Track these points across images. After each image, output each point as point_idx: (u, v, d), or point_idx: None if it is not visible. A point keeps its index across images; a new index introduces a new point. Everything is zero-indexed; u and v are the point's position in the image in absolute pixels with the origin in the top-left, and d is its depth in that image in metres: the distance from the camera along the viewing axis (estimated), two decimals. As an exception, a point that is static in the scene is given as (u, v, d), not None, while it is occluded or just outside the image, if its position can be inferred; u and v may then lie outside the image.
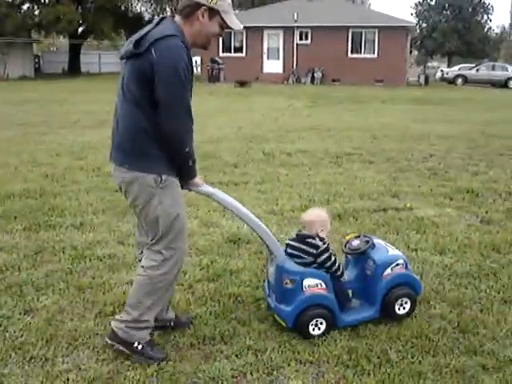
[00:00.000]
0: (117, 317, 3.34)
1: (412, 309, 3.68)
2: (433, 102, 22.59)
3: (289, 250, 3.59)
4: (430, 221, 5.81)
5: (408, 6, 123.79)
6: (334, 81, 33.26)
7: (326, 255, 3.51)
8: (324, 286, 3.49)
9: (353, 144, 10.79)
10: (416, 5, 53.57)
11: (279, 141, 11.05)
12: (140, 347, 3.21)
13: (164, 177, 3.08)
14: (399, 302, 3.63)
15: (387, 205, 6.39)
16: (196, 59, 34.65)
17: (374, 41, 33.69)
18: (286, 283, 3.45)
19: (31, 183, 7.21)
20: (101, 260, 4.68)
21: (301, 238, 3.58)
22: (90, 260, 4.68)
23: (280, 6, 38.11)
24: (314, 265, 3.52)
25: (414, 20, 48.79)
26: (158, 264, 3.17)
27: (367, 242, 3.75)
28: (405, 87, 32.23)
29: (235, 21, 3.14)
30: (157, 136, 3.02)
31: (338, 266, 3.58)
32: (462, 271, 4.52)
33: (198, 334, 3.48)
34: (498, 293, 4.15)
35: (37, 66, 42.55)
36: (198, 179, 3.26)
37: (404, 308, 3.65)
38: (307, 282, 3.45)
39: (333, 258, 3.54)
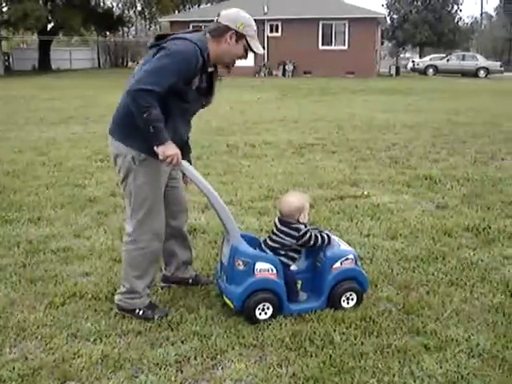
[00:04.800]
0: (117, 291, 3.67)
1: (358, 303, 3.72)
2: (402, 92, 22.83)
3: (274, 230, 3.69)
4: (386, 207, 5.90)
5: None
6: (305, 73, 33.40)
7: (306, 237, 3.61)
8: (275, 271, 3.54)
9: (318, 135, 10.87)
10: (387, -5, 53.89)
11: (245, 133, 11.10)
12: (141, 312, 3.56)
13: (143, 155, 3.35)
14: (346, 295, 3.68)
15: (345, 193, 6.47)
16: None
17: (344, 32, 33.89)
18: (239, 264, 3.50)
19: (-9, 180, 7.15)
20: (55, 253, 4.68)
21: (283, 222, 3.67)
22: (44, 253, 4.67)
23: (250, -2, 38.04)
24: (294, 246, 3.64)
25: (384, 11, 49.13)
26: (133, 239, 3.53)
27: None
28: (375, 78, 32.50)
29: (258, 45, 3.48)
30: None
31: (322, 240, 3.66)
32: (412, 255, 4.61)
33: (146, 322, 3.51)
34: (446, 275, 4.25)
35: (7, 63, 41.96)
36: (168, 146, 3.26)
37: (351, 301, 3.69)
38: (259, 265, 3.50)
39: (313, 237, 3.62)
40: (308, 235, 3.63)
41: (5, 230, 5.28)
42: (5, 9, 38.26)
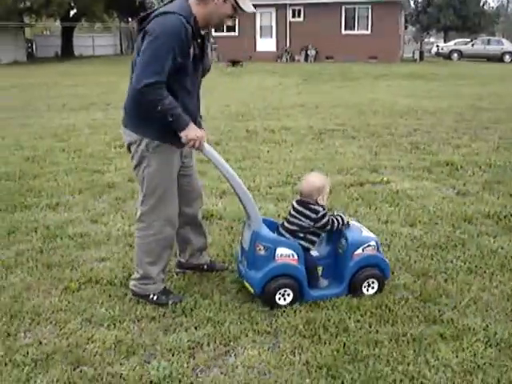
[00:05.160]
0: (132, 276, 3.67)
1: (379, 290, 3.68)
2: (425, 77, 22.48)
3: (292, 212, 3.67)
4: (405, 194, 5.82)
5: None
6: (327, 58, 33.03)
7: (325, 220, 3.59)
8: (296, 257, 3.52)
9: (338, 120, 10.76)
10: (411, -21, 53.04)
11: (264, 118, 11.03)
12: (155, 297, 3.55)
13: (156, 142, 3.35)
14: (367, 282, 3.64)
15: (364, 179, 6.39)
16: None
17: (367, 17, 33.37)
18: (260, 249, 3.48)
19: (12, 166, 7.21)
20: (72, 239, 4.70)
21: (302, 202, 3.65)
22: (62, 239, 4.70)
23: (272, -17, 37.75)
24: (312, 229, 3.60)
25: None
26: (146, 225, 3.52)
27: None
28: (399, 63, 32.01)
29: (248, 3, 3.35)
30: None
31: (338, 223, 3.63)
32: (431, 242, 4.54)
33: (160, 307, 3.51)
34: (464, 263, 4.17)
35: (30, 50, 42.26)
36: (190, 129, 3.27)
37: (372, 288, 3.66)
38: (280, 250, 3.48)
39: (330, 221, 3.59)
40: (326, 218, 3.60)
41: (23, 215, 5.31)
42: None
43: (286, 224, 3.69)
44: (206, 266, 4.01)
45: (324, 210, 3.64)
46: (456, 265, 4.14)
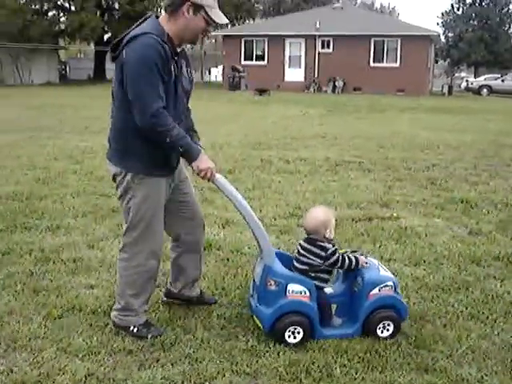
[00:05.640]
0: (114, 307, 3.53)
1: (394, 333, 3.50)
2: (452, 111, 22.24)
3: (300, 251, 3.55)
4: (414, 231, 5.62)
5: (435, 15, 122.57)
6: (355, 89, 33.00)
7: (334, 257, 3.46)
8: (308, 294, 3.39)
9: (356, 152, 10.60)
10: (442, 14, 52.95)
11: (282, 148, 10.93)
12: (136, 330, 3.41)
13: (141, 176, 3.25)
14: (382, 324, 3.47)
15: (374, 214, 6.21)
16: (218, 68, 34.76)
17: (396, 49, 33.36)
18: (270, 284, 3.38)
19: (21, 186, 7.21)
20: (64, 263, 4.60)
21: (310, 240, 3.53)
22: (54, 263, 4.61)
23: (302, 14, 38.17)
24: (322, 267, 3.48)
25: (440, 30, 48.34)
26: (129, 256, 3.40)
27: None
28: (427, 97, 31.83)
29: (220, 15, 3.23)
30: (137, 136, 3.18)
31: (350, 262, 3.49)
32: (433, 284, 4.33)
33: (139, 340, 3.37)
34: (467, 307, 3.96)
35: (63, 72, 43.15)
36: (201, 160, 3.22)
37: (387, 330, 3.48)
38: (292, 287, 3.37)
39: (341, 258, 3.47)
40: (336, 256, 3.46)
41: (22, 236, 5.25)
42: (62, 19, 39.36)
43: (296, 264, 3.56)
44: (195, 299, 3.85)
45: (334, 246, 3.51)
46: (457, 309, 3.93)
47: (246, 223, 3.45)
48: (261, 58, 35.08)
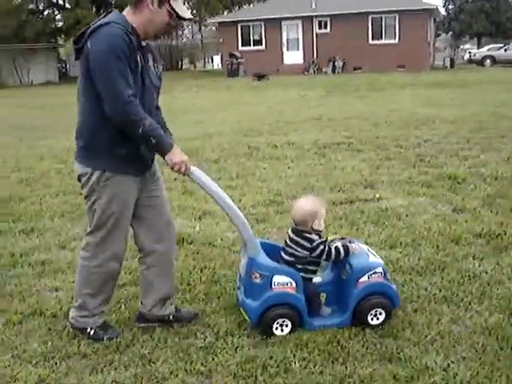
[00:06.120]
0: (72, 305, 3.43)
1: (386, 320, 3.39)
2: (453, 85, 21.87)
3: (287, 241, 3.45)
4: (395, 212, 5.46)
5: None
6: (355, 69, 32.62)
7: (320, 249, 3.35)
8: (294, 285, 3.31)
9: (348, 133, 10.40)
10: (442, -14, 52.28)
11: (273, 133, 10.77)
12: (92, 332, 3.30)
13: (108, 174, 3.11)
14: (373, 311, 3.36)
15: (356, 196, 6.06)
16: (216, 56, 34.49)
17: (394, 26, 32.89)
18: (255, 277, 3.30)
19: (3, 189, 7.12)
20: (32, 266, 4.51)
21: (297, 231, 3.43)
22: (22, 266, 4.52)
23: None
24: (309, 259, 3.38)
25: (440, 2, 47.64)
26: (90, 255, 3.27)
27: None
28: (428, 71, 31.35)
29: (184, 8, 3.18)
30: (106, 129, 3.06)
31: (337, 253, 3.38)
32: (407, 267, 4.19)
33: (95, 343, 3.27)
34: (440, 290, 3.81)
35: (64, 70, 43.05)
36: (174, 153, 3.10)
37: (378, 318, 3.37)
38: (277, 278, 3.29)
39: (327, 250, 3.36)
40: (321, 248, 3.36)
41: (-5, 241, 5.17)
42: (58, 17, 39.24)
43: (283, 254, 3.45)
44: (171, 317, 3.46)
45: (320, 238, 3.40)
46: (430, 292, 3.78)
47: (226, 215, 3.35)
48: (258, 42, 34.77)
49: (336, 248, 3.38)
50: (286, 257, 3.43)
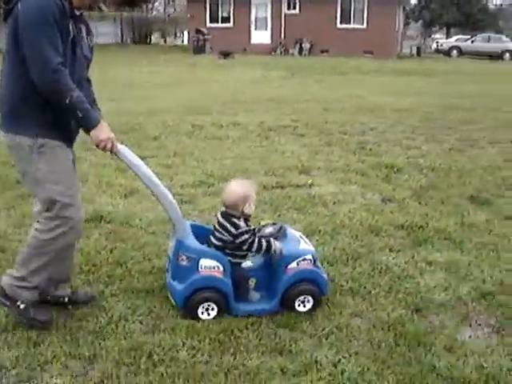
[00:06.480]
0: (7, 272, 3.19)
1: (314, 307, 3.39)
2: (417, 73, 22.04)
3: (216, 225, 3.38)
4: (322, 199, 5.42)
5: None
6: (322, 52, 32.46)
7: (243, 238, 3.28)
8: (222, 269, 3.26)
9: (296, 116, 10.33)
10: (414, -26, 52.26)
11: (222, 113, 10.63)
12: (22, 306, 3.10)
13: (42, 140, 2.94)
14: (301, 298, 3.36)
15: (288, 181, 6.01)
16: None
17: (363, 11, 32.78)
18: (182, 260, 3.25)
19: None
20: None
21: (226, 214, 3.35)
22: None
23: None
24: (234, 244, 3.31)
25: (412, -10, 47.70)
26: (46, 228, 3.04)
27: (279, 231, 3.50)
28: (395, 59, 31.44)
29: None
30: (34, 95, 2.88)
31: (259, 246, 3.31)
32: (320, 256, 4.12)
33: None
34: (348, 282, 3.78)
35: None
36: (101, 129, 2.96)
37: (305, 306, 3.37)
38: (204, 262, 3.25)
39: (249, 241, 3.29)
40: (245, 237, 3.29)
41: None
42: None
43: (212, 239, 3.37)
44: (66, 299, 3.36)
45: (248, 225, 3.33)
46: (338, 284, 3.75)
47: (154, 196, 3.26)
48: (226, 19, 34.29)
49: (259, 241, 3.32)
50: (215, 241, 3.37)
